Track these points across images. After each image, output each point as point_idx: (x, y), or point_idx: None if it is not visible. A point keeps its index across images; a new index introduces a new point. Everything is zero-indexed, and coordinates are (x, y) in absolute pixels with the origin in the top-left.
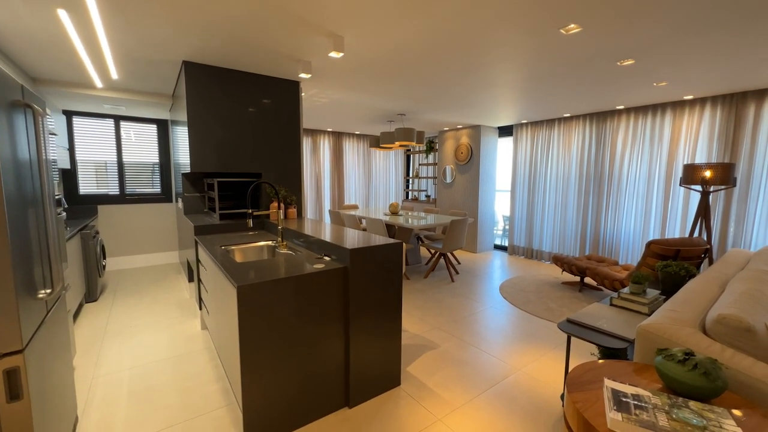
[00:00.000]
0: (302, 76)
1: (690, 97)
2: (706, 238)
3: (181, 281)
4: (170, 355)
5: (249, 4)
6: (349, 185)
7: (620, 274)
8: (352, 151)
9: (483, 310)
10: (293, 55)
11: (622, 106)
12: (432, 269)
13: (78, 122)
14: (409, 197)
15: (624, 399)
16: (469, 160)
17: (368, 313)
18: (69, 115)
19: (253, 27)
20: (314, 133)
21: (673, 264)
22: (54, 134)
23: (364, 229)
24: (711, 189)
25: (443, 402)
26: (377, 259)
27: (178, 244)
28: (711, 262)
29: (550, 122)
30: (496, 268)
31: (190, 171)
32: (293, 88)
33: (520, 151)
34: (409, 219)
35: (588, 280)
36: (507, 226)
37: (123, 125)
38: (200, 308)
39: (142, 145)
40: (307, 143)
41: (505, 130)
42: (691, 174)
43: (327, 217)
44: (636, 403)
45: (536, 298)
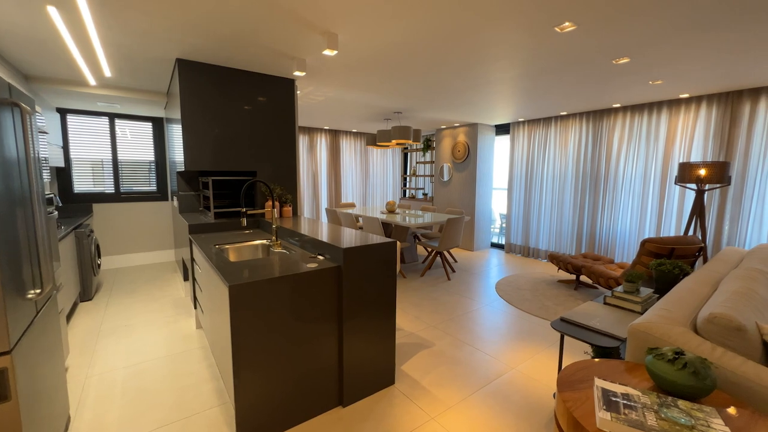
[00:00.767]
0: (297, 74)
1: (686, 95)
2: (700, 237)
3: (176, 280)
4: (165, 354)
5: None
6: (346, 183)
7: (615, 272)
8: (349, 149)
9: (479, 308)
10: (287, 53)
11: (618, 105)
12: (428, 267)
13: (72, 120)
14: (407, 195)
15: (614, 398)
16: (466, 159)
17: (362, 312)
18: (63, 112)
19: (245, 23)
20: (311, 131)
21: (666, 262)
22: (44, 132)
23: (361, 228)
24: (706, 187)
25: (437, 401)
26: (371, 258)
27: (174, 242)
28: (705, 261)
29: (547, 120)
30: (493, 266)
31: (184, 169)
32: (288, 86)
33: (517, 149)
34: (406, 217)
35: (584, 278)
36: (504, 224)
37: (118, 123)
38: (195, 307)
39: (137, 142)
40: (303, 141)
41: (502, 128)
42: (686, 172)
43: (324, 216)
44: (625, 402)
45: (532, 296)
